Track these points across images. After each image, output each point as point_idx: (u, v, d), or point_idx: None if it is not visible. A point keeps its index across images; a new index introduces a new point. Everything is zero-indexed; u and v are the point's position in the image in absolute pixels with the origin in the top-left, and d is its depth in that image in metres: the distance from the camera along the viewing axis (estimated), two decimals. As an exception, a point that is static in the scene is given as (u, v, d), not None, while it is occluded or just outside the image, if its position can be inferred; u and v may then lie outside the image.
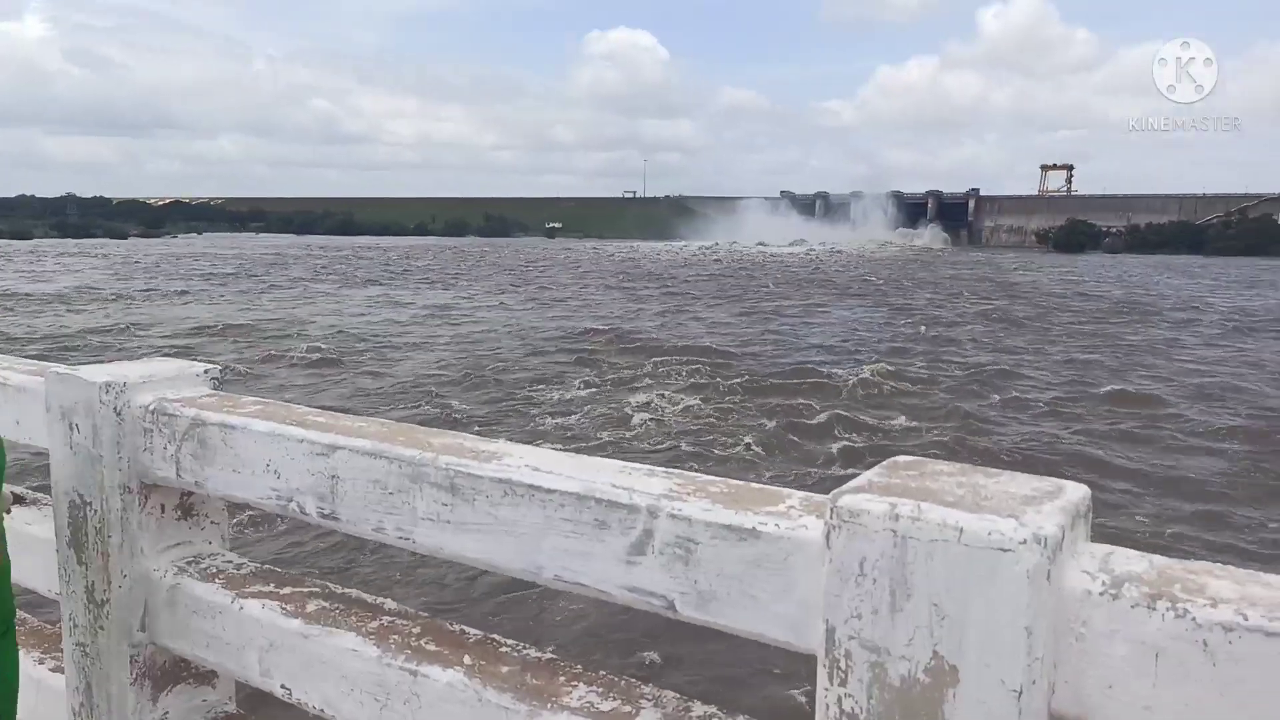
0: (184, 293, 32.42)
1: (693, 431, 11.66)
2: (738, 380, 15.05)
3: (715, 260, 64.60)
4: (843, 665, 1.10)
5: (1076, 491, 1.13)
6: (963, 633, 1.02)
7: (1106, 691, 0.99)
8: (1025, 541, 0.99)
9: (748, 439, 11.22)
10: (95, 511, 1.94)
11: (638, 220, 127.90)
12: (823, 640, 1.12)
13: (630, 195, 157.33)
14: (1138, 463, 10.46)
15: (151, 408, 1.91)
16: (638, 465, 1.48)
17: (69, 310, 26.37)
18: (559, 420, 12.28)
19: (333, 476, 1.64)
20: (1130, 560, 1.04)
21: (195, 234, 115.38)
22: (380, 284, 38.33)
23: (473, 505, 1.48)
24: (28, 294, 31.25)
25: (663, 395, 13.93)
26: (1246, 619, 0.91)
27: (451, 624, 1.70)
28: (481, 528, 1.47)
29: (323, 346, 18.68)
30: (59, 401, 1.98)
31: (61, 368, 2.04)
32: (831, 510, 1.10)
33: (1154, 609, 0.96)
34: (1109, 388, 15.07)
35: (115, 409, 1.92)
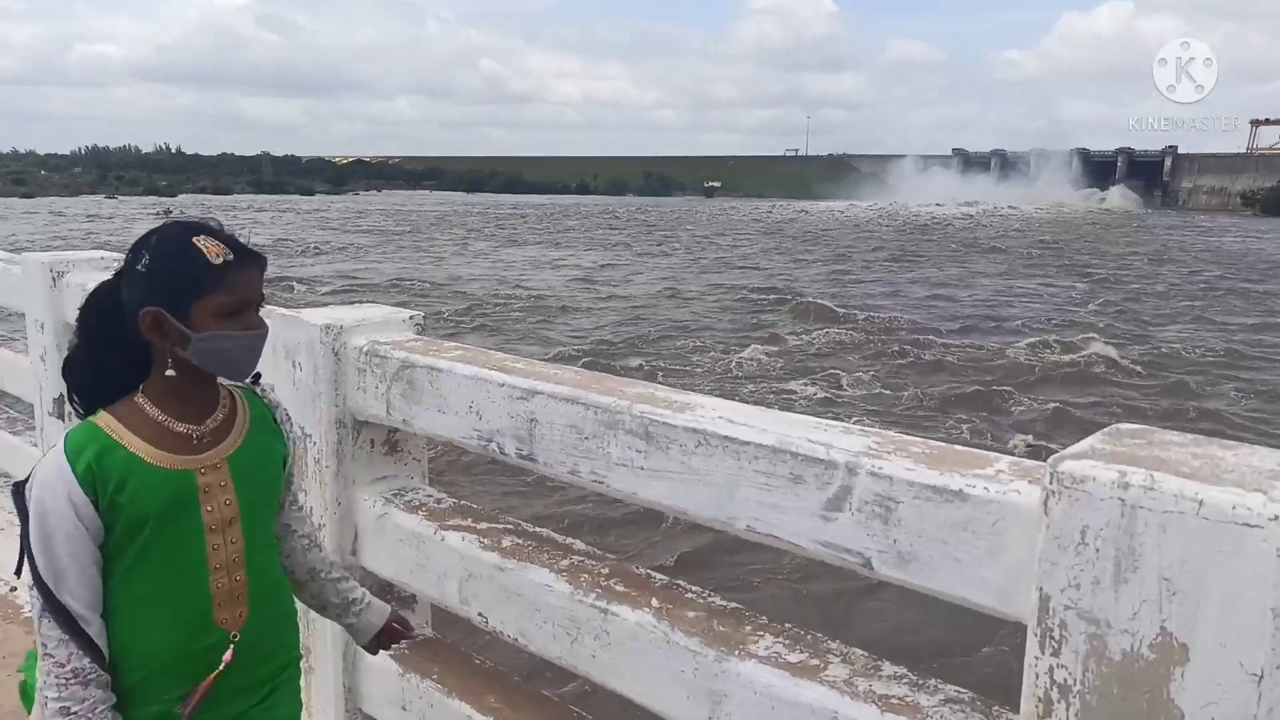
0: (361, 248, 34.34)
1: (866, 404, 11.31)
2: (915, 351, 14.43)
3: (882, 222, 62.24)
4: (1056, 635, 1.06)
5: (1331, 469, 1.03)
6: (1196, 610, 0.96)
7: (1365, 685, 0.91)
8: (1276, 518, 0.92)
9: (928, 414, 10.75)
10: (315, 443, 2.12)
11: (799, 179, 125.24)
12: (1035, 608, 1.08)
13: (792, 153, 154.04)
14: None
15: (365, 349, 2.05)
16: (832, 421, 1.47)
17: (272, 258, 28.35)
18: (723, 387, 12.22)
19: (531, 420, 1.71)
20: (1396, 546, 0.95)
21: (375, 191, 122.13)
22: (542, 244, 39.31)
23: (666, 453, 1.51)
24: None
25: (834, 364, 13.60)
26: None
27: (637, 567, 1.76)
28: (675, 476, 1.50)
29: (486, 305, 19.29)
30: (283, 341, 2.15)
31: (284, 310, 2.21)
32: (1051, 476, 1.06)
33: None
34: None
35: (334, 350, 2.07)
